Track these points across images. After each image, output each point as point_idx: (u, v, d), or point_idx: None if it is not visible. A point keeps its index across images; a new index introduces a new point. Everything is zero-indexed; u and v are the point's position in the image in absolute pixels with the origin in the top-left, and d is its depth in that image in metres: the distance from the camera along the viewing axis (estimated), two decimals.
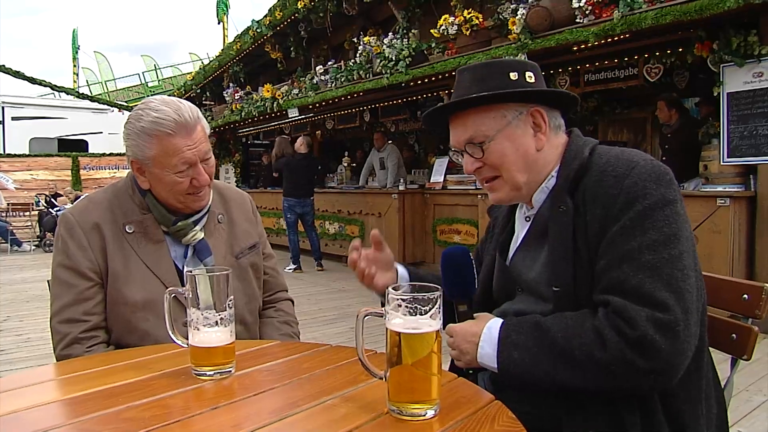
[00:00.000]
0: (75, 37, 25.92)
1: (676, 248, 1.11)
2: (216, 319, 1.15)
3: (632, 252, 1.12)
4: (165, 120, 1.50)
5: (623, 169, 1.17)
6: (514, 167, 1.30)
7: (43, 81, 15.56)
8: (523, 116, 1.29)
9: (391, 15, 8.87)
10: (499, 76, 1.29)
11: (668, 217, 1.13)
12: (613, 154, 1.23)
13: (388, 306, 0.95)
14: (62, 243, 1.59)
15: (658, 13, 4.86)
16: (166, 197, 1.61)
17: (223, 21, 17.65)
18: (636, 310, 1.08)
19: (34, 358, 4.56)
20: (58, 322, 1.54)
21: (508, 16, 6.22)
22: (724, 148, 5.06)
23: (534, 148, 1.30)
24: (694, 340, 1.09)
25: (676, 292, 1.08)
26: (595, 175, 1.21)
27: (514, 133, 1.29)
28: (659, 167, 1.18)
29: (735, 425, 3.02)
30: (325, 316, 5.74)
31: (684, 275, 1.10)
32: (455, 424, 0.94)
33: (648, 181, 1.15)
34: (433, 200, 8.11)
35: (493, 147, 1.29)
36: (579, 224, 1.21)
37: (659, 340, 1.05)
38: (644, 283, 1.09)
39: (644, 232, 1.12)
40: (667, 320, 1.06)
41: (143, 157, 1.55)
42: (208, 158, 1.60)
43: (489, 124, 1.29)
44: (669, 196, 1.14)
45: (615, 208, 1.15)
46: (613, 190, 1.16)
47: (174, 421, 0.95)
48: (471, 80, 1.32)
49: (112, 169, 16.38)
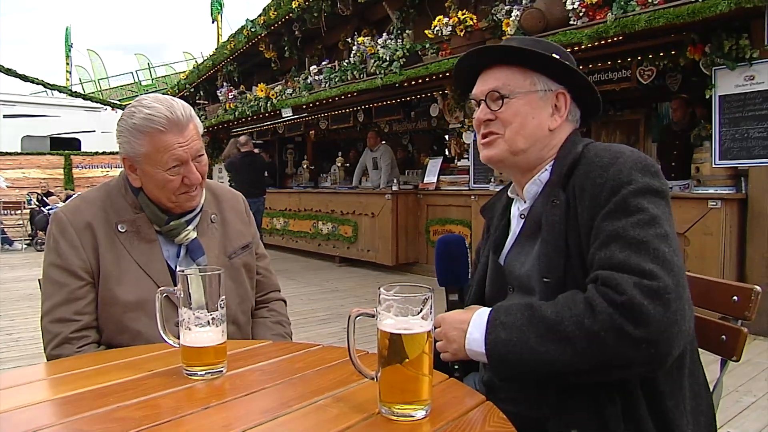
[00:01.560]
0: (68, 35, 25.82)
1: (663, 228, 1.11)
2: (207, 319, 1.15)
3: (618, 231, 1.12)
4: (157, 117, 1.50)
5: (609, 159, 1.19)
6: (521, 131, 1.32)
7: (35, 79, 15.48)
8: (550, 93, 1.33)
9: (385, 15, 8.88)
10: (547, 49, 1.33)
11: (653, 202, 1.13)
12: (600, 147, 1.25)
13: (379, 306, 0.95)
14: (54, 242, 1.58)
15: (651, 15, 4.89)
16: (157, 196, 1.60)
17: (217, 20, 17.63)
18: (623, 278, 1.06)
19: (24, 358, 4.54)
20: (48, 321, 1.54)
21: (502, 18, 6.25)
22: (715, 151, 5.09)
23: (547, 126, 1.33)
24: (688, 314, 1.07)
25: (665, 263, 1.07)
26: (583, 168, 1.22)
27: (537, 102, 1.32)
28: (645, 159, 1.19)
29: (725, 426, 3.04)
30: (318, 316, 5.74)
31: (672, 251, 1.09)
32: (446, 424, 0.94)
33: (633, 170, 1.15)
34: (426, 201, 8.12)
35: (513, 103, 1.32)
36: (570, 217, 1.21)
37: (648, 305, 1.03)
38: (631, 256, 1.08)
39: (630, 214, 1.12)
40: (656, 287, 1.04)
41: (135, 154, 1.55)
42: (201, 156, 1.60)
43: (519, 82, 1.33)
44: (654, 185, 1.15)
45: (602, 197, 1.16)
46: (599, 179, 1.17)
47: (165, 421, 0.95)
48: (527, 40, 1.38)
49: (104, 168, 16.31)
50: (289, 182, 13.26)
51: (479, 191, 7.04)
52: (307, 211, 9.95)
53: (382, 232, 8.21)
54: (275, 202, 10.87)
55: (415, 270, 8.10)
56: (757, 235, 4.83)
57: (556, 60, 1.31)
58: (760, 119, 4.79)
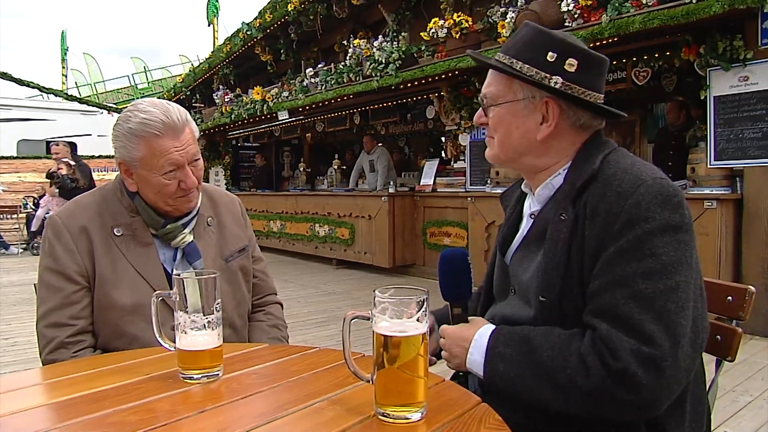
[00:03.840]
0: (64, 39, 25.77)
1: (674, 278, 1.06)
2: (203, 323, 1.15)
3: (627, 278, 1.07)
4: (153, 121, 1.50)
5: (628, 186, 1.11)
6: (506, 140, 1.30)
7: (31, 82, 15.46)
8: (535, 101, 1.25)
9: (381, 18, 8.89)
10: (539, 50, 1.24)
11: (669, 243, 1.07)
12: (621, 167, 1.17)
13: (374, 309, 0.95)
14: (49, 246, 1.58)
15: (645, 17, 4.91)
16: (154, 200, 1.60)
17: (213, 23, 17.60)
18: (621, 341, 1.05)
19: (20, 362, 4.52)
20: (44, 326, 1.53)
21: (497, 20, 6.26)
22: (711, 151, 5.10)
23: (534, 136, 1.26)
24: (683, 375, 1.06)
25: (667, 325, 1.04)
26: (599, 188, 1.16)
27: (521, 111, 1.27)
28: (667, 188, 1.11)
29: (721, 426, 3.04)
30: (315, 318, 5.74)
31: (678, 308, 1.05)
32: (442, 426, 0.94)
33: (653, 204, 1.08)
34: (423, 203, 8.12)
35: (497, 111, 1.30)
36: (576, 236, 1.17)
37: (641, 375, 1.02)
38: (634, 312, 1.05)
39: (642, 258, 1.07)
40: (653, 355, 1.02)
41: (131, 158, 1.55)
42: (197, 160, 1.60)
43: (502, 91, 1.29)
44: (674, 221, 1.08)
45: (614, 228, 1.10)
46: (615, 207, 1.11)
47: (161, 424, 0.95)
48: (521, 40, 1.29)
49: (101, 172, 16.26)
50: (286, 185, 13.26)
51: (476, 193, 7.04)
52: (303, 213, 9.94)
53: (378, 235, 8.21)
54: (272, 205, 10.86)
55: (412, 272, 8.10)
56: (753, 235, 4.84)
57: (516, 73, 1.24)
58: (754, 120, 4.81)
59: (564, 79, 1.22)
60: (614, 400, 1.05)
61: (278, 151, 14.56)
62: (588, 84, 1.24)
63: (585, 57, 1.24)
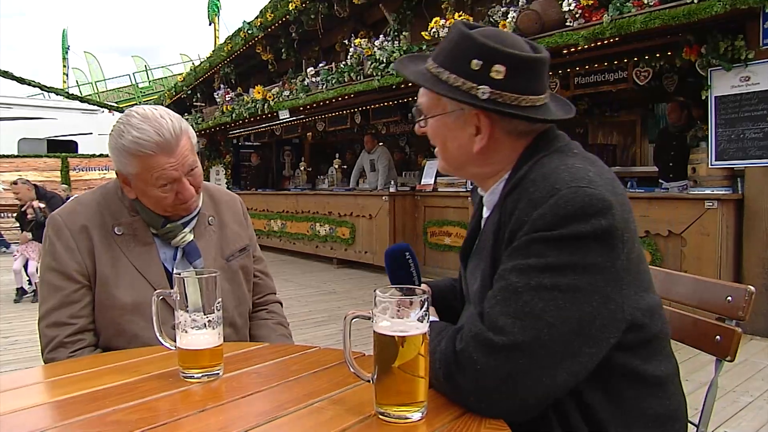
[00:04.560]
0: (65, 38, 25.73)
1: (554, 278, 0.99)
2: (204, 322, 1.15)
3: (505, 272, 1.04)
4: (145, 141, 1.47)
5: (541, 195, 1.04)
6: (443, 152, 1.26)
7: (32, 81, 15.46)
8: (464, 113, 1.18)
9: (382, 17, 8.89)
10: (464, 57, 1.15)
11: (563, 248, 1.00)
12: (543, 172, 1.09)
13: (375, 308, 0.95)
14: (50, 245, 1.58)
15: (647, 17, 4.91)
16: (153, 207, 1.60)
17: (214, 22, 17.57)
18: (471, 325, 1.02)
19: (21, 361, 4.53)
20: (45, 325, 1.54)
21: (498, 19, 6.26)
22: (712, 152, 5.11)
23: (470, 149, 1.20)
24: (545, 376, 0.98)
25: (526, 319, 0.98)
26: (517, 194, 1.10)
27: (453, 124, 1.21)
28: (583, 198, 1.01)
29: (722, 426, 3.04)
30: (315, 318, 5.74)
31: (550, 306, 0.98)
32: (442, 426, 0.94)
33: (559, 216, 1.01)
34: (423, 202, 8.12)
35: (431, 123, 1.25)
36: (498, 244, 1.12)
37: (477, 358, 0.98)
38: (497, 303, 1.02)
39: (526, 257, 1.02)
40: (495, 342, 0.97)
41: (127, 172, 1.55)
42: (194, 170, 1.58)
43: (432, 103, 1.23)
44: (580, 230, 1.00)
45: (518, 235, 1.05)
46: (523, 215, 1.05)
47: (161, 423, 0.95)
48: (448, 45, 1.20)
49: (101, 170, 16.24)
50: (287, 184, 13.27)
51: None
52: (304, 213, 9.95)
53: (379, 234, 8.21)
54: (273, 204, 10.87)
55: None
56: (754, 235, 4.84)
57: (446, 82, 1.17)
58: (755, 120, 4.81)
59: (492, 87, 1.13)
60: (456, 384, 1.01)
61: (279, 151, 14.56)
62: (520, 88, 1.14)
63: (513, 60, 1.13)
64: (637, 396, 1.11)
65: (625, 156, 8.87)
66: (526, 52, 1.16)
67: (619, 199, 1.07)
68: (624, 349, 1.08)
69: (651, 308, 1.13)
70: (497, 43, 1.13)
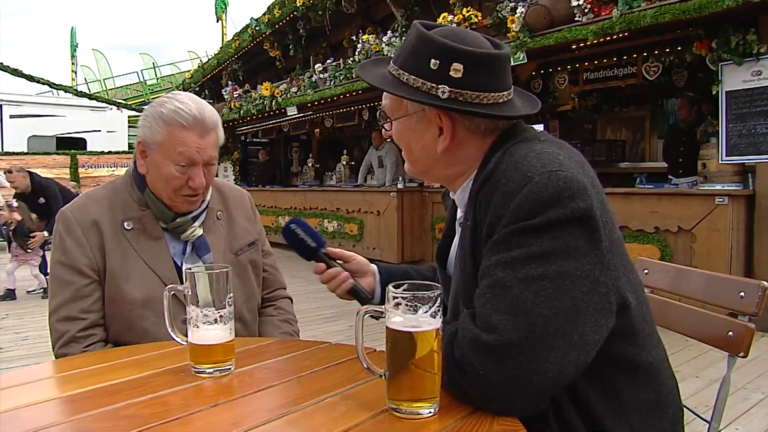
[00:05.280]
0: (73, 35, 25.87)
1: (541, 268, 0.97)
2: (215, 317, 1.15)
3: (489, 268, 1.02)
4: (185, 112, 1.52)
5: (514, 186, 1.03)
6: (409, 154, 1.26)
7: (41, 79, 15.53)
8: (426, 114, 1.18)
9: (390, 13, 8.86)
10: (422, 58, 1.14)
11: (544, 235, 0.99)
12: (513, 161, 1.07)
13: (388, 304, 0.95)
14: (60, 240, 1.59)
15: (657, 11, 4.88)
16: (159, 189, 1.60)
17: (222, 19, 17.61)
18: (465, 330, 1.00)
19: (32, 356, 4.56)
20: (56, 320, 1.54)
21: (506, 15, 6.22)
22: (722, 147, 5.07)
23: (434, 149, 1.19)
24: (548, 368, 0.95)
25: (519, 315, 0.96)
26: (489, 186, 1.08)
27: (416, 125, 1.20)
28: (557, 182, 1.01)
29: (732, 423, 3.03)
30: (324, 314, 5.75)
31: (539, 297, 0.96)
32: (455, 422, 0.94)
33: (536, 204, 1.00)
34: (431, 198, 8.11)
35: (395, 125, 1.24)
36: (476, 240, 1.10)
37: (478, 364, 0.96)
38: (487, 302, 1.00)
39: (508, 249, 1.00)
40: (491, 343, 0.96)
41: (151, 140, 1.56)
42: (211, 165, 1.61)
43: (393, 106, 1.23)
44: (558, 215, 0.99)
45: (497, 229, 1.03)
46: (500, 208, 1.03)
47: (173, 418, 0.95)
48: (407, 46, 1.19)
49: (110, 168, 16.34)
50: (295, 180, 13.28)
51: None
52: (312, 209, 9.96)
53: (387, 230, 8.21)
54: (281, 201, 10.88)
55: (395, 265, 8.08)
56: (765, 231, 4.81)
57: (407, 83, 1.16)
58: (767, 115, 4.76)
59: (451, 86, 1.12)
60: (463, 390, 1.00)
61: (287, 147, 14.57)
62: (480, 86, 1.13)
63: (471, 58, 1.12)
64: (630, 384, 1.11)
65: (634, 152, 8.82)
66: (486, 49, 1.15)
67: (591, 180, 1.07)
68: (617, 336, 1.07)
69: (636, 289, 1.13)
70: (455, 42, 1.13)
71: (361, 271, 1.47)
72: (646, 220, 5.32)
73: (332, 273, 1.39)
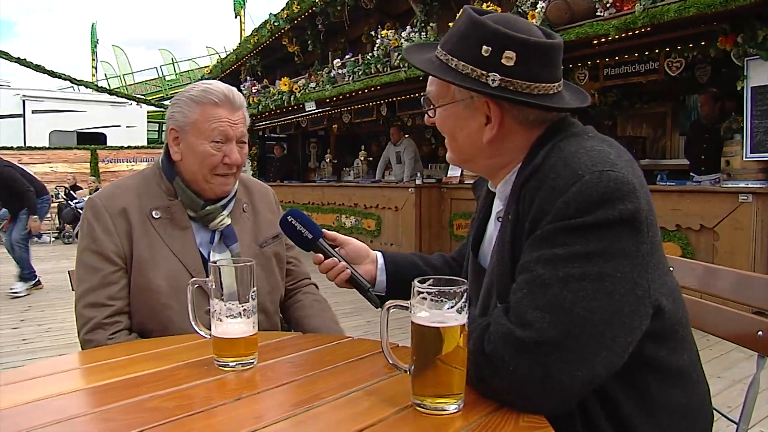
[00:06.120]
0: (94, 31, 26.13)
1: (583, 268, 0.96)
2: (239, 311, 1.14)
3: (530, 263, 1.00)
4: (214, 91, 1.59)
5: (563, 183, 1.00)
6: (453, 142, 1.23)
7: (62, 74, 15.73)
8: (474, 101, 1.16)
9: (408, 8, 8.83)
10: (473, 44, 1.11)
11: (589, 236, 0.97)
12: (563, 157, 1.05)
13: (413, 299, 0.94)
14: (88, 227, 1.60)
15: (681, 5, 4.79)
16: (195, 172, 1.63)
17: (240, 15, 17.69)
18: (498, 324, 0.99)
19: (55, 348, 4.62)
20: (82, 306, 1.56)
21: (527, 10, 6.17)
22: (747, 144, 4.98)
23: (479, 138, 1.17)
24: (581, 369, 0.94)
25: (557, 313, 0.95)
26: (536, 181, 1.05)
27: (462, 113, 1.18)
28: (608, 182, 0.98)
29: (757, 425, 2.98)
30: (342, 309, 5.75)
31: (578, 297, 0.95)
32: (480, 419, 0.93)
33: (584, 204, 0.97)
34: (450, 195, 8.08)
35: (440, 113, 1.22)
36: (517, 236, 1.08)
37: (508, 360, 0.95)
38: (524, 297, 0.98)
39: (551, 246, 0.99)
40: (525, 339, 0.94)
41: (184, 123, 1.60)
42: (244, 142, 1.66)
43: (441, 92, 1.21)
44: (608, 216, 0.97)
45: (541, 224, 1.02)
46: (546, 204, 1.01)
47: (197, 411, 0.95)
48: (456, 32, 1.17)
49: (129, 162, 16.50)
50: (312, 176, 13.32)
51: None
52: (330, 204, 9.98)
53: (405, 226, 8.20)
54: (298, 196, 10.92)
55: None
56: None
57: (455, 69, 1.13)
58: None
59: (502, 74, 1.09)
60: (490, 385, 0.99)
61: (305, 142, 14.60)
62: (531, 76, 1.10)
63: (524, 46, 1.10)
64: (661, 388, 1.09)
65: (655, 148, 8.71)
66: (539, 38, 1.12)
67: (641, 180, 1.05)
68: (650, 339, 1.05)
69: (672, 291, 1.11)
70: (508, 29, 1.10)
71: (359, 257, 1.45)
72: (667, 217, 5.25)
73: (330, 263, 1.38)
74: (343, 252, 1.43)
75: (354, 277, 1.39)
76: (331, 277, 1.40)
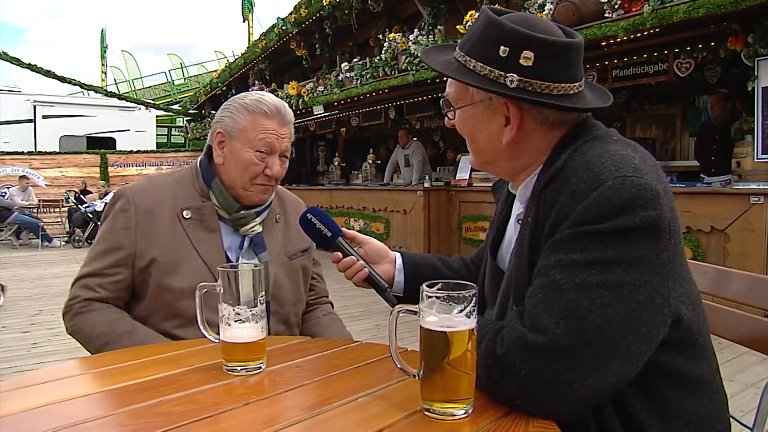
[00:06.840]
0: (103, 37, 26.28)
1: (601, 275, 0.94)
2: (248, 315, 1.14)
3: (547, 267, 0.99)
4: (267, 102, 1.63)
5: (584, 187, 0.98)
6: (473, 144, 1.22)
7: (72, 80, 15.79)
8: (492, 103, 1.14)
9: (416, 12, 8.84)
10: (491, 44, 1.10)
11: (609, 243, 0.95)
12: (585, 160, 1.03)
13: (422, 303, 0.93)
14: (113, 216, 1.63)
15: (690, 6, 4.76)
16: (235, 178, 1.64)
17: (248, 19, 17.76)
18: (512, 328, 0.97)
19: (64, 352, 4.64)
20: (77, 285, 1.62)
21: (534, 12, 6.15)
22: (758, 145, 4.94)
23: (499, 140, 1.15)
24: (594, 377, 0.93)
25: (572, 320, 0.93)
26: (557, 184, 1.04)
27: (481, 115, 1.17)
28: (630, 189, 0.96)
29: None
30: (350, 313, 5.75)
31: (595, 305, 0.93)
32: (489, 424, 0.92)
33: (605, 210, 0.95)
34: (458, 197, 8.07)
35: (459, 115, 1.20)
36: (536, 238, 1.07)
37: (520, 364, 0.94)
38: (539, 302, 0.97)
39: (569, 251, 0.97)
40: (538, 344, 0.93)
41: (232, 128, 1.63)
42: (286, 157, 1.68)
43: (459, 94, 1.19)
44: (628, 223, 0.95)
45: (560, 228, 1.00)
46: (566, 208, 0.99)
47: (205, 416, 0.95)
48: (474, 33, 1.15)
49: (139, 167, 16.57)
50: (321, 179, 13.33)
51: None
52: (338, 208, 9.98)
53: (414, 229, 8.19)
54: (307, 199, 10.87)
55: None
56: None
57: (474, 70, 1.12)
58: None
59: (520, 75, 1.08)
60: (500, 389, 0.97)
61: (313, 146, 14.62)
62: (551, 76, 1.09)
63: (543, 46, 1.08)
64: (679, 397, 1.07)
65: (665, 150, 8.66)
66: (558, 37, 1.11)
67: (665, 186, 1.03)
68: (668, 348, 1.03)
69: (693, 300, 1.09)
70: (526, 29, 1.09)
71: (378, 257, 1.45)
72: None
73: (348, 262, 1.38)
74: (361, 251, 1.43)
75: (372, 277, 1.39)
76: (348, 275, 1.40)
